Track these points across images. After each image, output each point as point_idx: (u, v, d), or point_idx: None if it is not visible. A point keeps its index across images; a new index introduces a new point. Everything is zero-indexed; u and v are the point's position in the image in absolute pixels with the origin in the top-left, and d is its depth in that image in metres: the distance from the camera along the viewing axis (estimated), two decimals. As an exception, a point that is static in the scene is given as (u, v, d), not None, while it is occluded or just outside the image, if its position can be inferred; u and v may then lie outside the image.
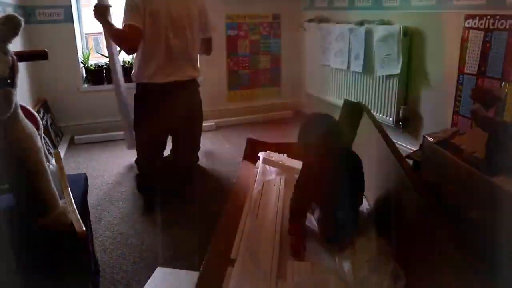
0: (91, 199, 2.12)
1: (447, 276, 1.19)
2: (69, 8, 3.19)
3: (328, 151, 1.59)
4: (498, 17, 2.06)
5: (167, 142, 2.56)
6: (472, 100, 1.89)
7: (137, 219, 2.12)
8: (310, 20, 3.66)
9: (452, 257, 1.17)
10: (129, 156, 2.83)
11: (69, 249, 1.10)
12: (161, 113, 2.36)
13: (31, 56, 1.30)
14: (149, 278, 1.63)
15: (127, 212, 2.20)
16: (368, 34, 2.89)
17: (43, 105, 3.14)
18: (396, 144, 1.97)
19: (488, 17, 2.11)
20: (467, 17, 2.23)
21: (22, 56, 1.12)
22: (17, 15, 1.01)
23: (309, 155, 1.66)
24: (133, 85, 2.43)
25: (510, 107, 1.89)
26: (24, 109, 1.26)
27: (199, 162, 2.79)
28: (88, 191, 1.66)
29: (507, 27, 2.01)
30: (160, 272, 1.66)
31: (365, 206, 1.94)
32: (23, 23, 1.01)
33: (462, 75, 2.30)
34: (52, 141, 2.94)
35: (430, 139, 1.67)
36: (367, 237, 1.71)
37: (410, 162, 2.13)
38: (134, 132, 2.52)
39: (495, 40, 2.09)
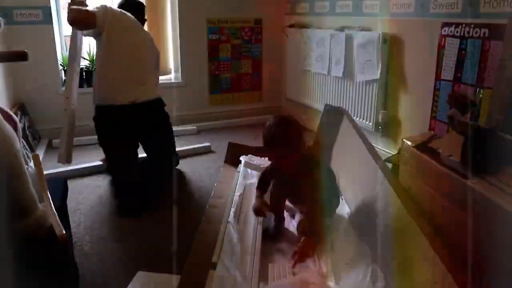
0: (70, 203, 2.08)
1: (425, 276, 1.22)
2: (48, 9, 3.14)
3: (288, 153, 1.66)
4: (472, 25, 2.12)
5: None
6: (448, 105, 1.95)
7: (117, 224, 2.10)
8: (292, 25, 3.70)
9: (429, 258, 1.20)
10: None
11: (48, 253, 1.09)
12: (126, 133, 2.38)
13: (11, 56, 1.27)
14: (129, 282, 1.61)
15: (106, 216, 2.17)
16: (349, 40, 2.94)
17: (21, 107, 3.08)
18: (375, 148, 2.01)
19: (464, 25, 2.17)
20: (444, 25, 2.29)
21: (1, 57, 1.10)
22: (-3, 15, 0.99)
23: (272, 156, 1.76)
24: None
25: (484, 112, 1.95)
26: (1, 110, 1.24)
27: (179, 166, 2.78)
28: (67, 195, 1.64)
29: (481, 35, 2.08)
30: (140, 276, 1.65)
31: (345, 209, 1.97)
32: (3, 24, 0.99)
33: (439, 81, 2.36)
34: (29, 144, 2.88)
35: (409, 143, 1.71)
36: (347, 239, 1.74)
37: (389, 165, 2.17)
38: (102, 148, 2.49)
39: (470, 47, 2.15)
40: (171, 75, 3.85)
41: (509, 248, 1.15)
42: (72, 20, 2.22)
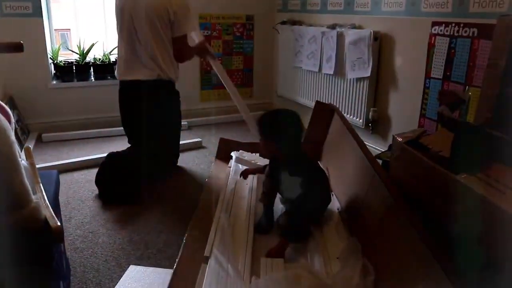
0: (60, 197, 2.06)
1: (415, 271, 1.24)
2: (38, 2, 3.10)
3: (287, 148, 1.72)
4: (462, 25, 2.16)
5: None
6: (438, 102, 1.98)
7: (108, 218, 2.09)
8: (283, 22, 3.71)
9: (419, 252, 1.22)
10: (99, 155, 2.79)
11: (43, 245, 1.09)
12: (121, 111, 2.47)
13: (6, 48, 1.26)
14: (121, 276, 1.61)
15: (97, 210, 2.17)
16: (340, 38, 2.96)
17: (9, 101, 3.05)
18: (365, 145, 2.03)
19: (453, 24, 2.21)
20: (434, 24, 2.32)
21: (-4, 48, 1.09)
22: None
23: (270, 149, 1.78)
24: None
25: (472, 110, 1.99)
26: (-5, 102, 1.23)
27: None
28: (59, 188, 1.63)
29: (470, 34, 2.12)
30: (132, 270, 1.65)
31: (336, 204, 2.00)
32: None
33: (428, 79, 2.40)
34: (18, 138, 2.85)
35: (400, 139, 1.74)
36: (338, 234, 1.77)
37: (379, 162, 2.20)
38: None
39: (459, 46, 2.19)
40: (162, 70, 3.84)
41: (498, 241, 1.18)
42: None
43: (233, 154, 2.54)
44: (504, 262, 1.16)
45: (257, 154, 2.56)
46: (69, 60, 3.49)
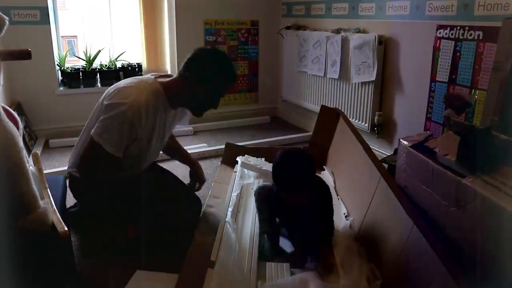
0: (67, 203, 2.08)
1: (422, 275, 1.24)
2: (45, 9, 3.14)
3: (306, 191, 1.57)
4: (467, 28, 2.16)
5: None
6: (444, 105, 1.98)
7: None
8: (288, 27, 3.72)
9: (426, 256, 1.22)
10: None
11: (51, 250, 1.09)
12: None
13: (14, 55, 1.28)
14: (128, 281, 1.62)
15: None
16: (345, 42, 2.96)
17: (17, 107, 3.08)
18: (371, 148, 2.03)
19: (458, 27, 2.21)
20: (439, 27, 2.32)
21: (5, 55, 1.11)
22: (1, 14, 1.00)
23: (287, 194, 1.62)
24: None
25: (478, 113, 1.98)
26: (4, 109, 1.24)
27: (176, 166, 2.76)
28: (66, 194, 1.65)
29: (475, 37, 2.11)
30: (139, 275, 1.65)
31: (342, 209, 1.99)
32: (7, 22, 1.00)
33: (434, 82, 2.39)
34: (26, 144, 2.88)
35: (405, 142, 1.73)
36: (344, 239, 1.76)
37: (385, 166, 2.19)
38: None
39: (464, 49, 2.18)
40: (167, 76, 3.87)
41: (506, 245, 1.18)
42: None
43: (239, 159, 2.54)
44: (508, 265, 1.15)
45: (263, 159, 2.57)
46: (76, 67, 3.51)
